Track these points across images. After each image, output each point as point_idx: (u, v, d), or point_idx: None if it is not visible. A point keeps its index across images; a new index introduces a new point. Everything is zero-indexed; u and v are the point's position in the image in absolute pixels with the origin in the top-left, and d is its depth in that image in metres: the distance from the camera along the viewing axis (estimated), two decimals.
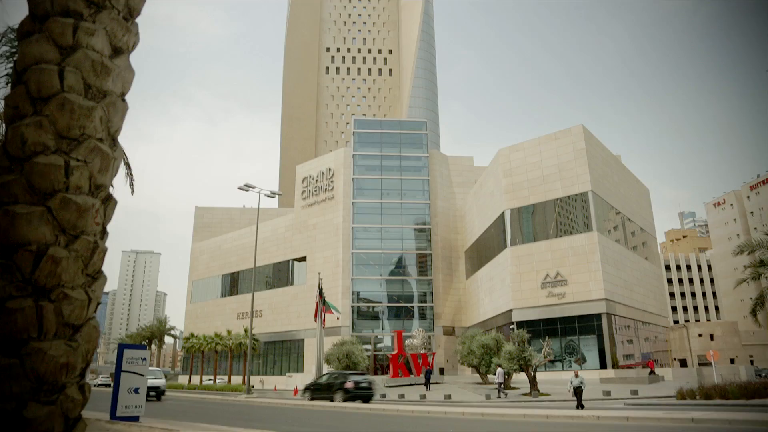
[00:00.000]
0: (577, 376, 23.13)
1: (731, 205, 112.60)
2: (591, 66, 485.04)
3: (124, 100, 5.85)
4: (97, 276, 5.26)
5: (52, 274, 4.75)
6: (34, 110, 5.14)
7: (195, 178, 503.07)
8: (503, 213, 54.17)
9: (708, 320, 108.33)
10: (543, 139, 53.90)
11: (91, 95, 5.41)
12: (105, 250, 5.30)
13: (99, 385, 73.00)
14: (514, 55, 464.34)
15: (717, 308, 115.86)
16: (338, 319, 55.29)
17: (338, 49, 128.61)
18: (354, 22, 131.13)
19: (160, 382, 31.59)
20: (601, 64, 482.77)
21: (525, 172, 53.90)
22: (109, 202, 5.46)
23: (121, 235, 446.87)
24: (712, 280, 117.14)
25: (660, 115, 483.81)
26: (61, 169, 4.98)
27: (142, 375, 16.96)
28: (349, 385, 27.74)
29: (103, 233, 5.38)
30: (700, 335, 79.14)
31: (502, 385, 33.40)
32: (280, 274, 71.54)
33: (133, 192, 20.81)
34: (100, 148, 5.29)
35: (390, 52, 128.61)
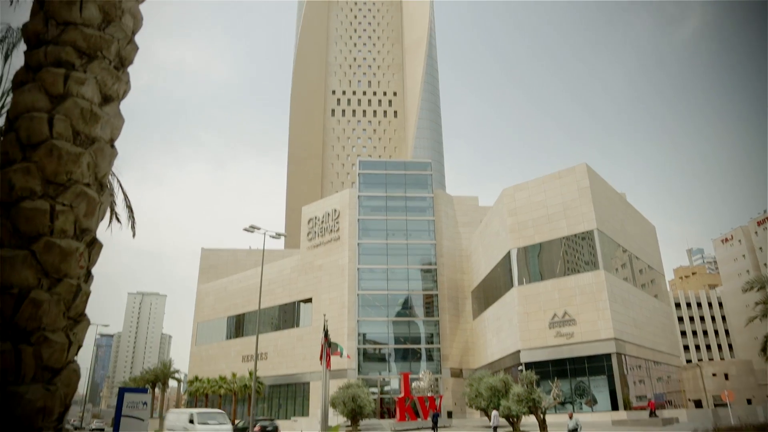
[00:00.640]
0: (571, 417, 22.59)
1: (739, 240, 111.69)
2: (595, 104, 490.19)
3: (113, 146, 6.00)
4: (79, 319, 5.30)
5: (32, 317, 4.80)
6: (23, 156, 5.28)
7: (202, 219, 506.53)
8: (509, 252, 53.94)
9: (722, 359, 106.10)
10: (547, 179, 54.05)
11: (79, 141, 5.56)
12: (88, 293, 5.34)
13: (93, 430, 71.72)
14: (517, 93, 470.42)
15: (730, 346, 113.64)
16: (348, 357, 54.71)
17: (344, 92, 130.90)
18: (359, 66, 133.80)
19: (226, 428, 28.33)
20: (605, 103, 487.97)
21: (530, 211, 53.88)
22: (93, 245, 5.54)
23: (128, 277, 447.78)
24: (724, 318, 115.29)
25: (664, 151, 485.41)
26: (47, 214, 5.08)
27: (143, 420, 16.68)
28: (257, 429, 30.77)
29: (87, 276, 5.44)
30: (714, 375, 77.43)
31: (497, 429, 32.63)
32: (286, 316, 71.11)
33: (134, 235, 20.91)
34: (86, 193, 5.40)
35: (395, 94, 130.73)
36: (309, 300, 67.95)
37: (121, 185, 22.12)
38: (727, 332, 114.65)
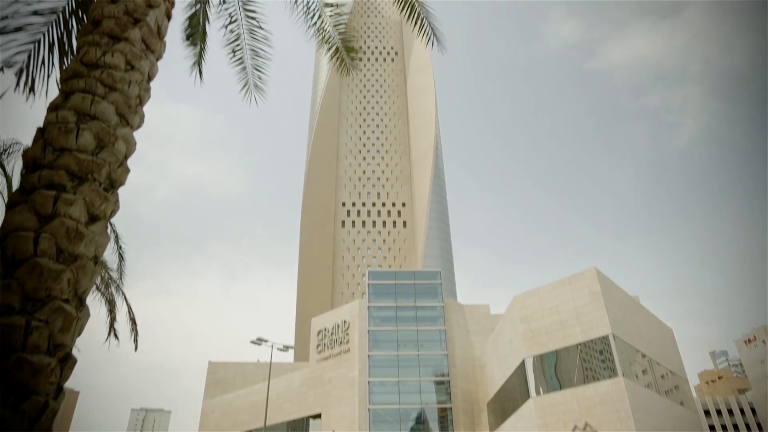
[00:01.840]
0: None
1: (763, 341, 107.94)
2: (601, 210, 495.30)
3: (96, 263, 6.24)
4: None
5: None
6: (6, 273, 5.51)
7: (211, 331, 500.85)
8: (523, 361, 52.42)
9: None
10: (557, 284, 53.68)
11: (62, 259, 5.81)
12: (56, 410, 5.33)
13: None
14: (523, 201, 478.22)
15: None
16: None
17: (353, 203, 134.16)
18: (368, 178, 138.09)
19: None
20: (611, 208, 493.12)
21: (542, 317, 53.02)
22: (67, 362, 5.60)
23: (132, 392, 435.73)
24: (759, 425, 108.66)
25: (673, 253, 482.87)
26: (21, 329, 5.20)
27: None
28: None
29: (58, 393, 5.46)
30: None
31: None
32: None
33: (136, 348, 20.84)
34: (63, 309, 5.56)
35: (404, 204, 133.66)
36: (318, 416, 65.41)
37: (126, 299, 22.37)
38: None
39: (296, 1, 13.61)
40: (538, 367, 51.30)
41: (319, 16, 13.79)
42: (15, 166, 13.69)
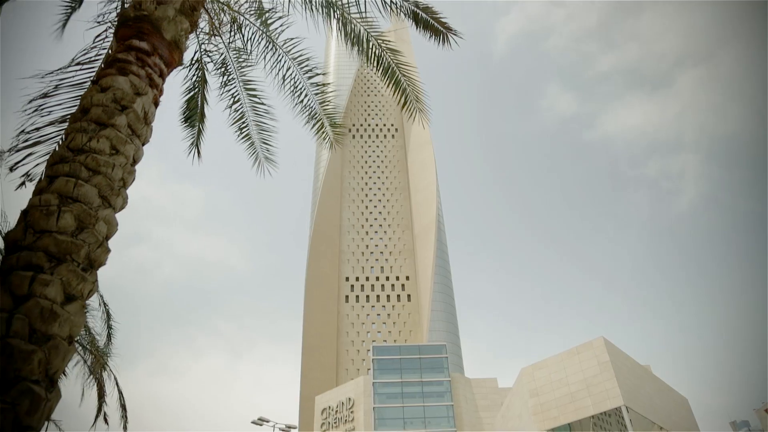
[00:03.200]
0: None
1: None
2: (609, 273, 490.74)
3: (71, 343, 6.27)
4: None
5: None
6: None
7: (213, 411, 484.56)
8: None
9: None
10: (565, 355, 52.64)
11: (34, 339, 5.85)
12: None
13: None
14: (527, 271, 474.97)
15: None
16: None
17: (357, 278, 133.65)
18: (371, 252, 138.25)
19: None
20: (619, 272, 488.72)
21: (551, 390, 51.61)
22: None
23: None
24: None
25: (682, 322, 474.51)
26: None
27: None
28: None
29: None
30: None
31: None
32: None
33: None
34: (32, 390, 5.54)
35: (407, 278, 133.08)
36: None
37: (117, 384, 21.98)
38: None
39: (284, 81, 14.33)
40: None
41: (306, 95, 14.49)
42: None
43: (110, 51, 10.34)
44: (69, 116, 10.02)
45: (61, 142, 8.10)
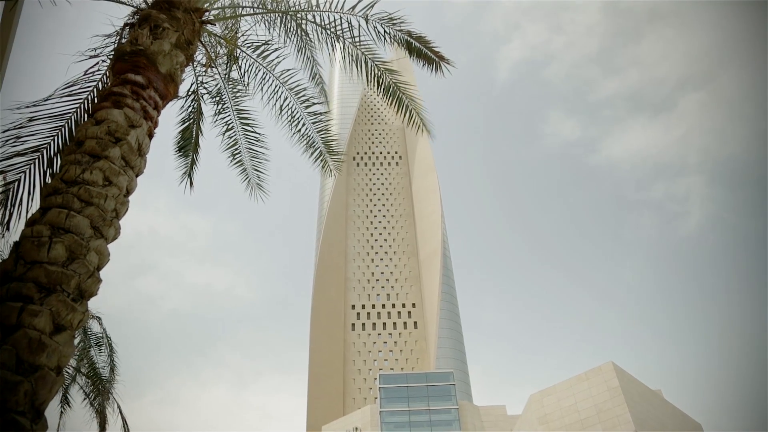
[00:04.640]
0: None
1: None
2: (616, 302, 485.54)
3: (59, 374, 6.28)
4: None
5: None
6: None
7: None
8: None
9: None
10: (574, 381, 52.00)
11: (22, 370, 5.86)
12: None
13: None
14: (534, 295, 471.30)
15: None
16: None
17: (363, 306, 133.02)
18: (377, 279, 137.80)
19: None
20: (626, 300, 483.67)
21: (561, 417, 50.84)
22: None
23: None
24: None
25: (691, 344, 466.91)
26: None
27: None
28: None
29: None
30: None
31: None
32: None
33: None
34: (16, 422, 5.54)
35: (414, 305, 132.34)
36: None
37: (121, 412, 21.87)
38: None
39: (281, 110, 14.57)
40: None
41: (303, 124, 14.72)
42: None
43: (105, 84, 10.52)
44: (45, 147, 9.95)
45: (55, 174, 8.21)
